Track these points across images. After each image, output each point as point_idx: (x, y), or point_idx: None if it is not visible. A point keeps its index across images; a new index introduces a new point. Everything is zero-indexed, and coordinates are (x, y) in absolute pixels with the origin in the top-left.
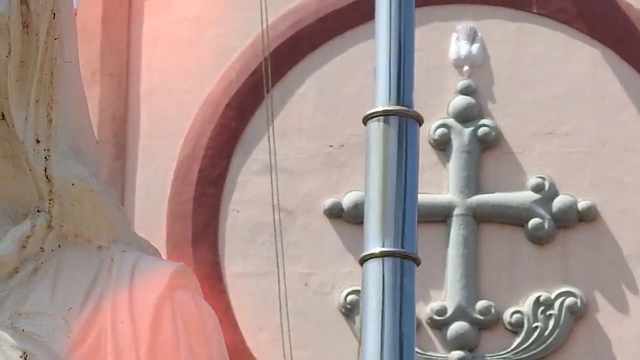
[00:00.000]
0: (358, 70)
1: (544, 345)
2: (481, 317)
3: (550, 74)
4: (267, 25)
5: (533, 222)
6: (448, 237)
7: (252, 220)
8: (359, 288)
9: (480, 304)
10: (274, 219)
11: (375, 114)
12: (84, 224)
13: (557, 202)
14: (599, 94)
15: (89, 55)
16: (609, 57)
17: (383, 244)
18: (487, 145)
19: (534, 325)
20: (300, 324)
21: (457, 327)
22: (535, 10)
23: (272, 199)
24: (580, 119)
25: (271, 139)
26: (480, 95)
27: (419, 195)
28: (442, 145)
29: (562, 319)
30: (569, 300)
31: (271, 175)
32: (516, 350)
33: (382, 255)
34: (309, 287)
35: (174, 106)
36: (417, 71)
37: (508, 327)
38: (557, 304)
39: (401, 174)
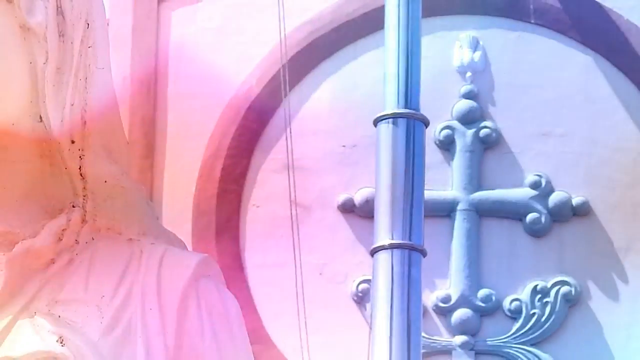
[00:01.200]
0: (369, 76)
1: (540, 331)
2: (483, 304)
3: (547, 79)
4: (284, 35)
5: (531, 216)
6: (452, 230)
7: (270, 214)
8: (369, 277)
9: (482, 292)
10: (291, 213)
11: (385, 117)
12: (115, 218)
13: (553, 198)
14: (591, 98)
15: (120, 62)
16: (600, 63)
17: (392, 237)
18: (488, 145)
19: (532, 312)
20: (315, 311)
21: (460, 313)
22: (532, 21)
23: (290, 195)
24: (573, 121)
25: (288, 139)
26: (481, 99)
27: (425, 192)
28: (447, 146)
29: (557, 306)
30: (564, 289)
31: (288, 173)
32: (515, 335)
33: (391, 247)
34: (324, 277)
35: (199, 109)
36: (423, 77)
37: (508, 313)
38: (552, 292)
39: (409, 172)
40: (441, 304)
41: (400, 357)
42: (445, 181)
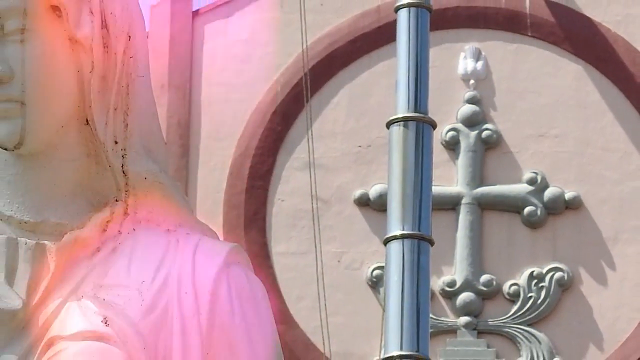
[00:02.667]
0: (382, 83)
1: (536, 312)
2: (485, 289)
3: (542, 86)
4: (306, 46)
5: (528, 209)
6: (457, 222)
7: (294, 208)
8: (383, 264)
9: (484, 277)
10: (312, 207)
11: (397, 120)
12: (154, 211)
13: (548, 193)
14: (582, 103)
15: (158, 70)
16: (590, 72)
17: (403, 228)
18: (489, 145)
19: (529, 295)
20: (333, 294)
21: (464, 297)
22: (529, 34)
23: (311, 190)
24: (566, 124)
25: (310, 140)
26: (483, 104)
27: (433, 187)
28: (452, 146)
29: (552, 290)
30: (558, 275)
31: (310, 170)
32: (514, 316)
33: (403, 237)
34: (341, 264)
35: (230, 113)
36: (431, 84)
37: (507, 297)
38: (547, 278)
39: (418, 170)
40: (447, 288)
41: (411, 336)
42: (450, 178)
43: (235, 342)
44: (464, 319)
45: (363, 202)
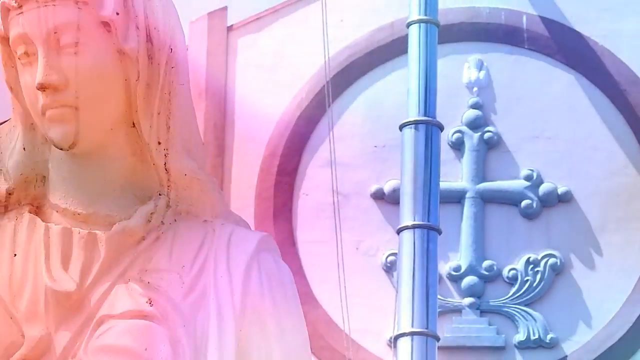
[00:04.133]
0: (395, 90)
1: (532, 294)
2: (486, 273)
3: (537, 93)
4: (328, 58)
5: (525, 202)
6: (462, 214)
7: (317, 201)
8: (396, 251)
9: (486, 263)
10: (333, 200)
11: (409, 123)
12: (193, 204)
13: (542, 188)
14: (572, 108)
15: (196, 79)
16: (580, 80)
17: (414, 219)
18: (490, 146)
19: (526, 279)
20: (352, 278)
21: (468, 280)
22: (526, 47)
23: (332, 185)
24: (559, 127)
25: (331, 141)
26: (485, 109)
27: (441, 183)
28: (458, 146)
29: (546, 274)
30: (551, 261)
31: (331, 168)
32: (512, 297)
33: (414, 227)
34: (359, 251)
35: (260, 117)
36: (438, 91)
37: (506, 280)
38: (542, 263)
39: (427, 167)
40: (453, 273)
41: (421, 315)
42: (456, 174)
43: (265, 321)
44: (468, 300)
45: (378, 196)
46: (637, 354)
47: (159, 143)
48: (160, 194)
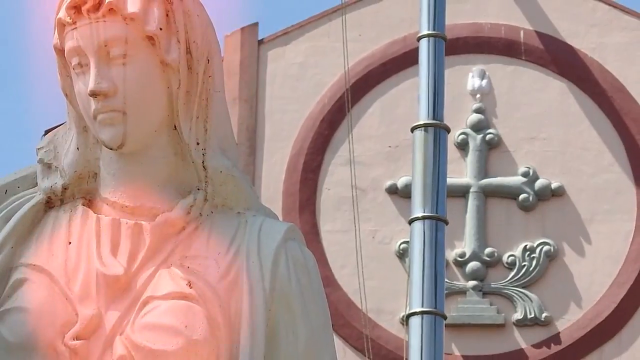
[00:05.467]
0: (407, 97)
1: (529, 277)
2: (488, 259)
3: (533, 99)
4: (347, 68)
5: (522, 196)
6: (466, 206)
7: (338, 195)
8: (408, 240)
9: (487, 250)
10: (352, 194)
11: (419, 126)
12: (228, 198)
13: (538, 184)
14: (564, 112)
15: (231, 87)
16: (571, 88)
17: (424, 211)
18: (492, 146)
19: (523, 264)
20: (369, 264)
21: (472, 265)
22: (523, 58)
23: (351, 181)
24: (553, 129)
25: (350, 142)
26: (487, 113)
27: (447, 179)
28: (462, 146)
29: (541, 260)
30: (546, 248)
31: (351, 166)
32: (511, 280)
33: (424, 218)
34: (375, 239)
35: (287, 121)
36: (446, 97)
37: (506, 265)
38: (537, 250)
39: (436, 165)
40: (458, 259)
41: (430, 296)
42: (461, 171)
43: (292, 301)
44: (472, 283)
45: (392, 191)
46: (623, 331)
47: (198, 144)
48: (198, 189)
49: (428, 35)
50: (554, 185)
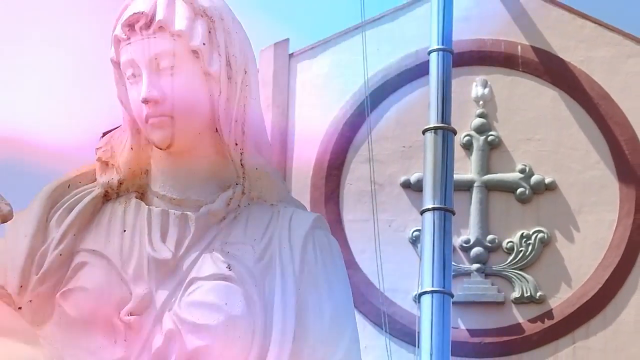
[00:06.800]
0: (419, 103)
1: (525, 261)
2: (490, 245)
3: (529, 105)
4: (367, 78)
5: (519, 190)
6: (471, 199)
7: (358, 189)
8: (419, 228)
9: (489, 237)
10: (371, 189)
11: (430, 128)
12: (262, 191)
13: (533, 179)
14: (557, 117)
15: (265, 95)
16: (562, 96)
17: (434, 203)
18: (493, 146)
19: (520, 249)
20: (386, 249)
21: (476, 250)
22: (520, 69)
23: (370, 177)
24: (546, 132)
25: (370, 143)
26: (489, 117)
27: (454, 175)
28: (467, 147)
29: (536, 246)
30: (540, 235)
31: (370, 163)
32: (510, 264)
33: (433, 209)
34: (391, 228)
35: (314, 124)
36: (453, 104)
37: (505, 250)
38: (533, 237)
39: (444, 163)
40: (464, 244)
41: (439, 277)
42: (466, 168)
43: (318, 282)
44: (475, 266)
45: (406, 185)
46: (607, 308)
47: (236, 144)
48: (237, 184)
49: (437, 50)
50: (547, 180)
